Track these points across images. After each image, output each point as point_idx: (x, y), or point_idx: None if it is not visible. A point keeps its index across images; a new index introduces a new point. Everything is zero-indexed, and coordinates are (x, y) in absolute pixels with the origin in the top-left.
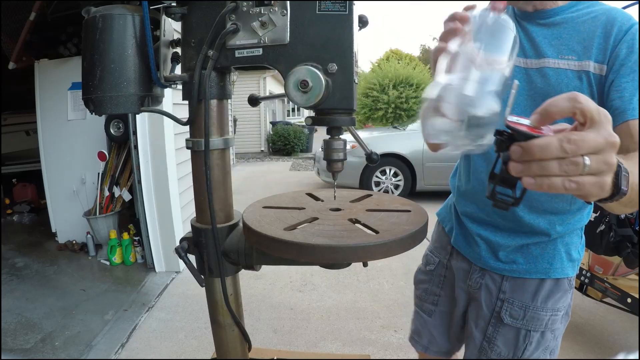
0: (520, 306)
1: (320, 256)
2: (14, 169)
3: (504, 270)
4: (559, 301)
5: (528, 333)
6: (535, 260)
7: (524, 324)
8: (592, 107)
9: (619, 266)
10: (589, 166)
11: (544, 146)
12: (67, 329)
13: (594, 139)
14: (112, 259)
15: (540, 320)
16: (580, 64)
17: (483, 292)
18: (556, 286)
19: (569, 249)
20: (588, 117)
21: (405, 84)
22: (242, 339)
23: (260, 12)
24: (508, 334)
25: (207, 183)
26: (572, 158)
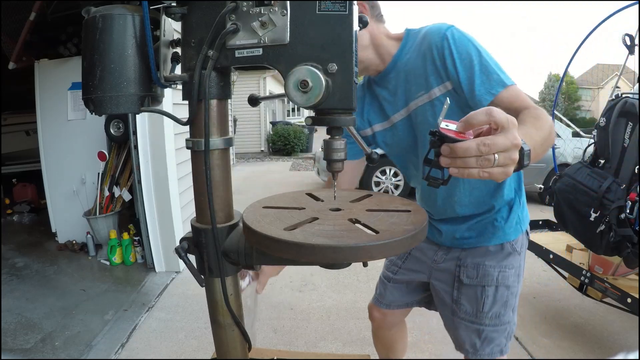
0: (473, 267)
1: (321, 256)
2: (14, 169)
3: (462, 245)
4: (506, 259)
5: (483, 289)
6: (481, 233)
7: (478, 281)
8: (502, 118)
9: (619, 266)
10: (497, 161)
11: (465, 148)
12: (67, 329)
13: (502, 142)
14: (112, 259)
15: (490, 276)
16: (429, 95)
17: (447, 264)
18: (501, 249)
19: (504, 220)
20: (499, 126)
21: None
22: (242, 339)
23: (260, 12)
24: (468, 293)
25: (207, 183)
26: (485, 156)
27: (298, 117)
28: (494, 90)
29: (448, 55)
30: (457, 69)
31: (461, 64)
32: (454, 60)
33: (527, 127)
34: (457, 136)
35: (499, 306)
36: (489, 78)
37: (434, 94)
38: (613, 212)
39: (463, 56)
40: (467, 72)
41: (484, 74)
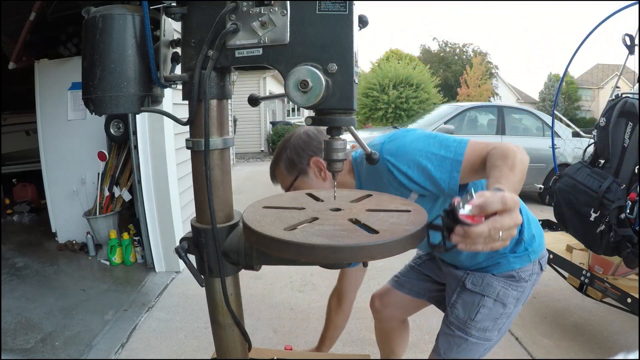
0: (479, 275)
1: (321, 256)
2: (14, 169)
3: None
4: (511, 279)
5: (482, 298)
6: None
7: (480, 289)
8: (511, 203)
9: (619, 266)
10: (501, 237)
11: (478, 233)
12: (67, 329)
13: (508, 223)
14: (112, 259)
15: (493, 287)
16: None
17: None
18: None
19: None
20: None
21: (405, 84)
22: (242, 339)
23: (260, 12)
24: (467, 298)
25: (207, 183)
26: (493, 237)
27: (298, 117)
28: (454, 172)
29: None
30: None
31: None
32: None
33: (502, 171)
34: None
35: (489, 321)
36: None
37: None
38: (613, 212)
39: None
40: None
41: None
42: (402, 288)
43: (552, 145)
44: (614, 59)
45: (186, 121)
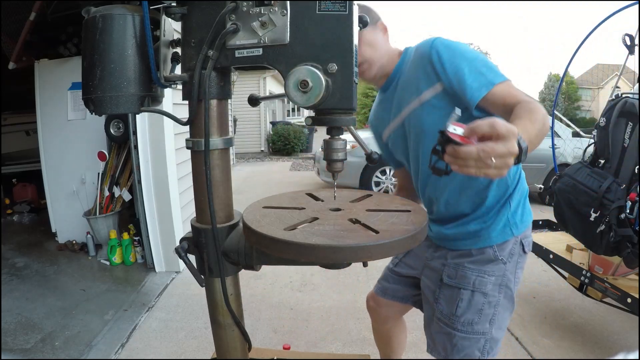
0: (454, 267)
1: (321, 256)
2: (14, 169)
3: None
4: (486, 265)
5: (459, 291)
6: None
7: (456, 282)
8: (503, 130)
9: (619, 266)
10: (494, 164)
11: (467, 152)
12: (67, 329)
13: (500, 149)
14: (112, 259)
15: (467, 279)
16: (419, 99)
17: (434, 262)
18: (481, 253)
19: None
20: (500, 135)
21: None
22: (242, 339)
23: (260, 12)
24: (447, 292)
25: (207, 183)
26: (484, 160)
27: (298, 117)
28: (484, 89)
29: (437, 60)
30: (446, 70)
31: (450, 66)
32: (442, 63)
33: (523, 121)
34: (462, 140)
35: (473, 313)
36: (478, 78)
37: (424, 97)
38: (613, 212)
39: (451, 59)
40: (456, 73)
41: (473, 74)
42: (385, 295)
43: (552, 145)
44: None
45: (186, 121)
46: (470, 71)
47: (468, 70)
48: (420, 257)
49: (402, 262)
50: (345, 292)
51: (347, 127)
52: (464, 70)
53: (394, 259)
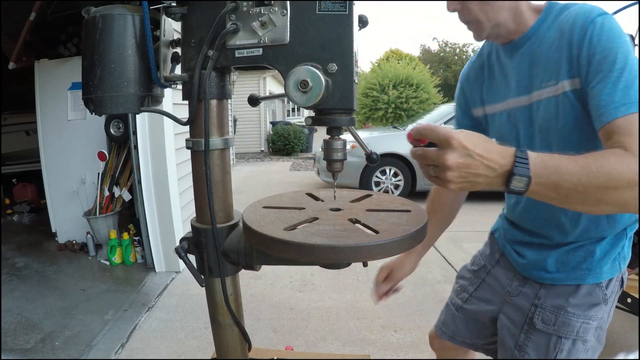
0: (552, 310)
1: (320, 256)
2: (14, 169)
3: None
4: (591, 309)
5: (559, 340)
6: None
7: (555, 329)
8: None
9: None
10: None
11: (412, 152)
12: (67, 329)
13: (430, 156)
14: (112, 259)
15: (571, 327)
16: (557, 88)
17: (520, 299)
18: (589, 294)
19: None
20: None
21: (405, 84)
22: (242, 339)
23: (260, 12)
24: (539, 341)
25: (207, 183)
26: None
27: (298, 117)
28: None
29: (587, 45)
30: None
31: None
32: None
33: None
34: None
35: None
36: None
37: (563, 88)
38: None
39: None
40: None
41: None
42: (454, 340)
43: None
44: None
45: (186, 121)
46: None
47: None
48: (496, 289)
49: (474, 297)
50: (345, 292)
51: (347, 127)
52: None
53: (461, 293)
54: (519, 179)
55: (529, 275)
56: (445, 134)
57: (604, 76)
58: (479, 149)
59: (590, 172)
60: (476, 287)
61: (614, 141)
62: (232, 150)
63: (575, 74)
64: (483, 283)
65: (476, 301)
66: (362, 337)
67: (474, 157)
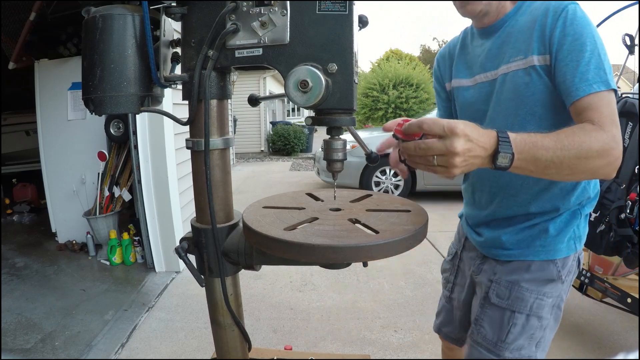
0: (506, 285)
1: (320, 256)
2: (14, 169)
3: (500, 255)
4: (545, 285)
5: (512, 314)
6: (526, 243)
7: (509, 303)
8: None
9: (619, 266)
10: (436, 161)
11: (405, 147)
12: (67, 329)
13: (437, 147)
14: (112, 259)
15: (524, 302)
16: (526, 61)
17: (481, 277)
18: (543, 270)
19: (557, 231)
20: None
21: (405, 84)
22: (242, 339)
23: (260, 12)
24: (494, 314)
25: (207, 183)
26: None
27: (298, 117)
28: (597, 85)
29: (560, 27)
30: (562, 45)
31: (570, 43)
32: (564, 35)
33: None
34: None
35: (524, 339)
36: (598, 72)
37: (532, 62)
38: (613, 212)
39: (576, 36)
40: (571, 54)
41: (590, 65)
42: (441, 333)
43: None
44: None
45: (186, 121)
46: (590, 59)
47: (588, 57)
48: (466, 272)
49: (455, 284)
50: (345, 292)
51: (347, 127)
52: (583, 55)
53: (446, 284)
54: (504, 156)
55: (488, 253)
56: (448, 124)
57: (575, 56)
58: (474, 134)
59: (564, 146)
60: (455, 274)
61: (584, 117)
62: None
63: (545, 51)
64: (459, 269)
65: (458, 288)
66: (362, 337)
67: (474, 141)
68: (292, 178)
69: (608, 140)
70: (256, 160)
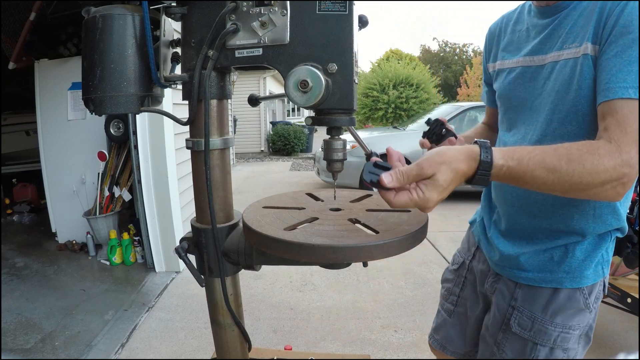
0: (529, 316)
1: (320, 256)
2: (14, 169)
3: (518, 277)
4: (572, 318)
5: (535, 346)
6: (548, 268)
7: (531, 335)
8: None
9: (619, 266)
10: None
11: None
12: (67, 329)
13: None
14: (112, 259)
15: (547, 335)
16: (580, 49)
17: (497, 297)
18: (569, 300)
19: (584, 255)
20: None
21: (405, 84)
22: (242, 339)
23: (260, 12)
24: (515, 343)
25: (207, 183)
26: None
27: (298, 117)
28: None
29: (617, 14)
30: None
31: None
32: (619, 26)
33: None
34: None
35: None
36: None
37: (586, 49)
38: None
39: (630, 28)
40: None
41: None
42: (444, 349)
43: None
44: None
45: (186, 121)
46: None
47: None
48: (477, 287)
49: (461, 298)
50: (345, 292)
51: (347, 127)
52: (633, 50)
53: (449, 297)
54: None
55: (502, 272)
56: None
57: (621, 51)
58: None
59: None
60: (461, 287)
61: (603, 125)
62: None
63: (597, 41)
64: (466, 281)
65: (467, 302)
66: (362, 337)
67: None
68: (292, 178)
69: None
70: (256, 160)
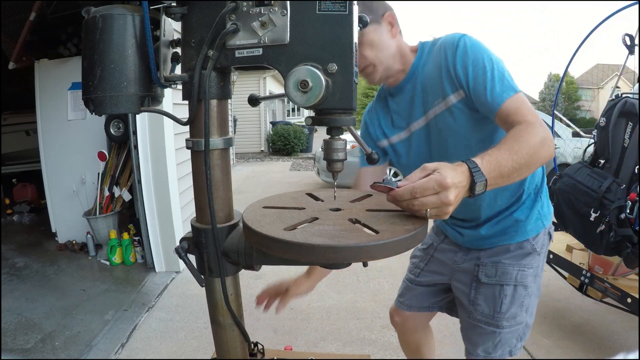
0: (491, 265)
1: (320, 256)
2: (14, 169)
3: (482, 245)
4: (524, 258)
5: (502, 287)
6: (502, 232)
7: (497, 279)
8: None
9: (619, 266)
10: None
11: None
12: (67, 329)
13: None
14: (112, 259)
15: (509, 274)
16: (445, 102)
17: (467, 264)
18: (520, 248)
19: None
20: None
21: None
22: (242, 339)
23: (260, 12)
24: (486, 292)
25: (207, 183)
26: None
27: (298, 117)
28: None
29: (460, 62)
30: (467, 75)
31: (473, 70)
32: (465, 67)
33: (500, 153)
34: None
35: (516, 307)
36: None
37: (450, 101)
38: (613, 212)
39: (475, 63)
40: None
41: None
42: (411, 308)
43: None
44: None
45: (186, 121)
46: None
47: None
48: (444, 262)
49: (425, 271)
50: (345, 292)
51: (347, 127)
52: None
53: (413, 269)
54: (480, 184)
55: (470, 246)
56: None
57: (481, 79)
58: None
59: (516, 152)
60: (426, 262)
61: (510, 121)
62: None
63: (457, 87)
64: (432, 258)
65: (428, 274)
66: (362, 337)
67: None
68: (292, 178)
69: (541, 130)
70: (256, 160)
